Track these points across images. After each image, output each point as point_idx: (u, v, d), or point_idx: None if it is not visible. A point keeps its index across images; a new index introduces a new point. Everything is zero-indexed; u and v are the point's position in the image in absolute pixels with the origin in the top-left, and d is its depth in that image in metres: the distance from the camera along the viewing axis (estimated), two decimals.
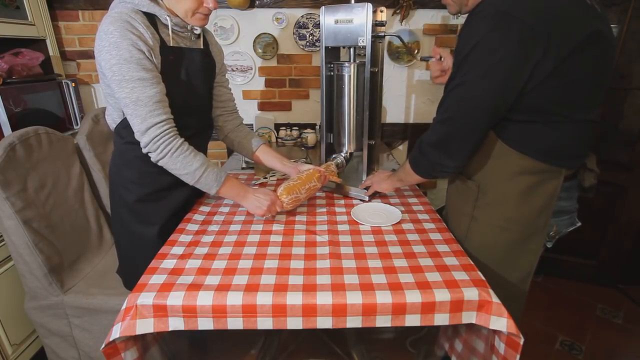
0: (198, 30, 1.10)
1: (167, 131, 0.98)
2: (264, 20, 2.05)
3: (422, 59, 1.37)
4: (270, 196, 1.10)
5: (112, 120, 1.09)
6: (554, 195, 0.96)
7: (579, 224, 1.11)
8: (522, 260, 1.03)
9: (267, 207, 1.09)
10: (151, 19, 0.99)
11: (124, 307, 0.78)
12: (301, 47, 2.09)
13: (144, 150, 0.99)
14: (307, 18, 2.04)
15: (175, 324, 0.78)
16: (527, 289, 1.07)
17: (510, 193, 0.97)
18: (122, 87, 0.93)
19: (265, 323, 0.78)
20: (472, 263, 0.90)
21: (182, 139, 1.02)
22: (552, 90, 0.83)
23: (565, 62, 0.81)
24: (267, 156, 1.31)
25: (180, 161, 1.00)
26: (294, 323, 0.78)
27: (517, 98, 0.85)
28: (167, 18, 1.00)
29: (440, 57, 1.21)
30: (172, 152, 0.99)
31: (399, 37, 1.29)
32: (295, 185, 1.13)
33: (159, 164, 1.01)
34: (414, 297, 0.77)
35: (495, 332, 0.80)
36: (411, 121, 2.27)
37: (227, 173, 1.10)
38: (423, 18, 2.05)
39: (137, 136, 0.97)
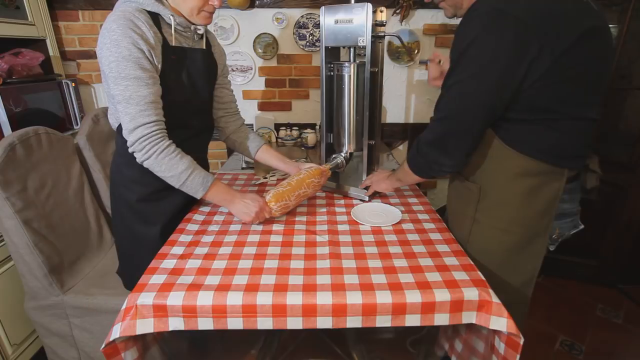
0: (201, 31, 1.11)
1: (155, 132, 0.96)
2: (264, 20, 2.05)
3: (421, 62, 1.35)
4: (258, 202, 1.08)
5: (114, 119, 1.09)
6: (557, 196, 0.95)
7: (582, 226, 1.09)
8: (525, 264, 1.02)
9: (255, 213, 1.06)
10: (155, 18, 0.99)
11: (124, 307, 0.78)
12: (301, 47, 2.09)
13: (130, 150, 0.98)
14: (307, 18, 2.04)
15: (175, 324, 0.78)
16: (530, 295, 1.06)
17: (512, 195, 0.95)
18: (117, 84, 0.93)
19: (265, 323, 0.78)
20: (472, 263, 0.90)
21: (170, 141, 1.00)
22: (550, 87, 0.83)
23: (562, 59, 0.80)
24: (268, 156, 1.32)
25: (165, 163, 0.98)
26: (294, 323, 0.78)
27: (515, 96, 0.85)
28: (171, 17, 1.01)
29: (440, 61, 1.22)
30: (157, 153, 0.97)
31: (398, 37, 1.29)
32: (284, 192, 1.11)
33: (144, 165, 0.99)
34: (414, 297, 0.77)
35: (495, 332, 0.80)
36: (411, 121, 2.27)
37: (215, 177, 1.07)
38: (423, 18, 2.05)
39: (124, 134, 0.97)
